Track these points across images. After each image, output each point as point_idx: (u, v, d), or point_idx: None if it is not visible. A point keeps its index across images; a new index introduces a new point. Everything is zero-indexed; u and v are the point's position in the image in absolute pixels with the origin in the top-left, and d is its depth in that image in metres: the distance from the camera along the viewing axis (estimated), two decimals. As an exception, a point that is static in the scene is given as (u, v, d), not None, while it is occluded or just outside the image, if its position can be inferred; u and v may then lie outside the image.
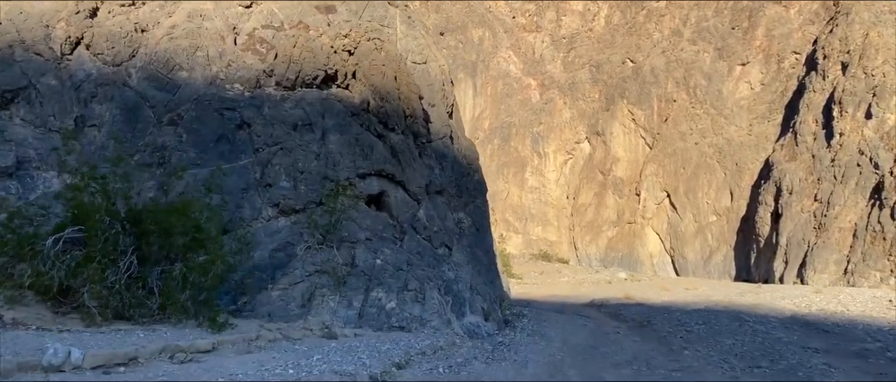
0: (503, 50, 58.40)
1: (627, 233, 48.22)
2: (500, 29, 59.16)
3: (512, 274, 32.78)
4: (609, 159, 50.27)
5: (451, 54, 59.56)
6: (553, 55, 56.55)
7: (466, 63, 58.97)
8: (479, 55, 58.87)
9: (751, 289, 27.43)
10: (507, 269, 32.20)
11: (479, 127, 57.55)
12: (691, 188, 44.49)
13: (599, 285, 30.75)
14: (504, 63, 58.15)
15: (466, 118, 58.46)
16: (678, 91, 46.98)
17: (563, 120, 54.10)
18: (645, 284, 31.20)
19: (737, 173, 42.32)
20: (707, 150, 44.19)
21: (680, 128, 45.82)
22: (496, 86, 57.81)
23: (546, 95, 55.63)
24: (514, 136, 55.56)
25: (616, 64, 51.82)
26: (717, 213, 43.18)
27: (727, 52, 45.23)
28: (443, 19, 60.57)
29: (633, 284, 31.20)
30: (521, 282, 31.32)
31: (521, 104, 56.56)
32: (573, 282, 32.38)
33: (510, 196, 54.74)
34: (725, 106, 44.33)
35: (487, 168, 57.19)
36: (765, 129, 41.65)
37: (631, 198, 48.64)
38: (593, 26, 54.80)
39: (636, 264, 46.93)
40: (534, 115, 55.48)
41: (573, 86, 53.94)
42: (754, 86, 43.46)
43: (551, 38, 57.01)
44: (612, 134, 50.36)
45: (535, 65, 57.08)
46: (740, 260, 41.26)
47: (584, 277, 34.55)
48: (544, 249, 49.35)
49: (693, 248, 43.97)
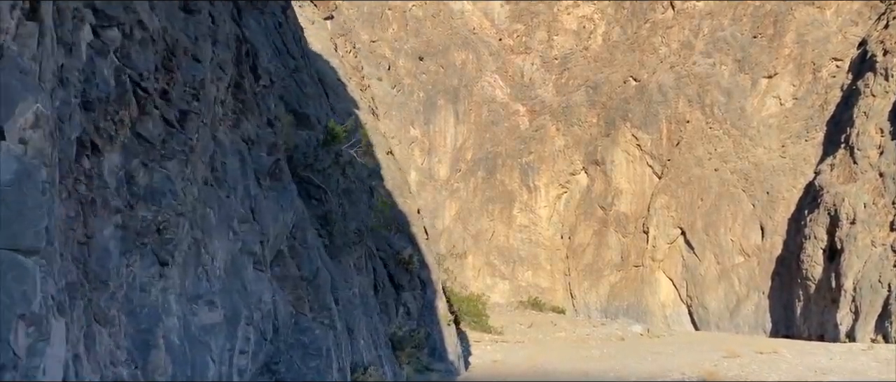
0: (488, 74, 50.15)
1: (634, 279, 39.23)
2: (484, 51, 51.01)
3: (486, 328, 23.75)
4: (610, 192, 41.54)
5: (430, 80, 51.41)
6: (544, 78, 48.29)
7: (448, 88, 50.64)
8: (462, 80, 50.60)
9: (844, 352, 18.32)
10: (481, 321, 23.11)
11: (462, 158, 48.93)
12: (711, 223, 35.70)
13: (612, 344, 21.63)
14: (489, 88, 49.83)
15: (448, 147, 49.99)
16: (691, 110, 38.55)
17: (556, 148, 45.54)
18: (680, 341, 22.10)
19: (769, 203, 33.58)
20: (729, 177, 35.52)
21: (695, 153, 37.23)
22: (480, 113, 49.38)
23: (536, 122, 47.17)
24: (501, 168, 46.91)
25: (616, 83, 43.51)
26: (744, 253, 34.29)
27: (749, 63, 36.95)
28: (422, 44, 52.42)
29: (661, 344, 22.03)
30: (500, 340, 22.15)
31: (508, 132, 48.06)
32: (573, 340, 23.20)
33: (496, 236, 45.80)
34: (750, 125, 35.84)
35: (470, 204, 48.50)
36: (802, 150, 33.07)
37: (637, 237, 39.76)
38: (589, 45, 46.68)
39: (644, 315, 37.81)
40: (523, 144, 46.94)
41: (567, 111, 45.53)
42: (785, 100, 35.04)
43: (542, 59, 48.83)
44: (614, 162, 41.75)
45: (524, 89, 48.77)
46: (778, 311, 32.22)
47: (587, 331, 25.36)
48: (534, 296, 40.21)
49: (715, 296, 34.95)
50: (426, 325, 14.85)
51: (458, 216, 47.00)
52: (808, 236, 28.10)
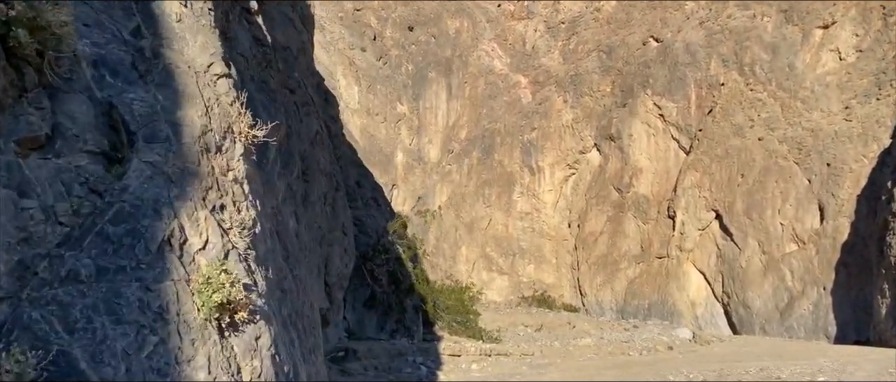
0: (485, 42, 43.06)
1: (657, 273, 32.04)
2: (482, 18, 43.92)
3: (475, 332, 16.56)
4: (628, 171, 34.38)
5: (420, 51, 44.34)
6: (549, 44, 41.15)
7: (440, 60, 43.57)
8: (456, 50, 43.53)
9: None
10: (468, 323, 15.96)
11: (455, 136, 41.81)
12: (755, 204, 28.50)
13: (671, 356, 14.33)
14: (486, 58, 42.73)
15: (439, 125, 42.88)
16: (727, 71, 31.36)
17: (562, 123, 38.41)
18: (758, 351, 14.86)
19: (830, 178, 26.36)
20: (778, 148, 28.30)
21: (734, 121, 30.01)
22: (476, 86, 42.28)
23: (541, 94, 40.05)
24: (500, 147, 39.80)
25: (634, 46, 36.34)
26: (798, 240, 27.07)
27: (798, 12, 29.76)
28: (412, 12, 45.31)
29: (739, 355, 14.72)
30: (495, 352, 14.70)
31: (508, 106, 40.94)
32: (608, 351, 15.78)
33: (493, 224, 38.67)
34: (801, 85, 28.64)
35: (464, 188, 41.34)
36: (874, 111, 25.85)
37: (661, 224, 32.58)
38: (601, 6, 39.51)
39: (670, 315, 30.60)
40: (524, 120, 39.82)
41: (576, 80, 38.38)
42: (846, 54, 27.84)
43: (546, 25, 41.71)
44: (632, 136, 34.57)
45: (526, 58, 41.65)
46: (845, 311, 24.98)
47: (621, 338, 18.03)
48: (541, 292, 33.02)
49: (760, 293, 27.71)
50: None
51: (451, 202, 39.86)
52: (894, 216, 20.92)
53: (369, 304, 18.27)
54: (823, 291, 25.68)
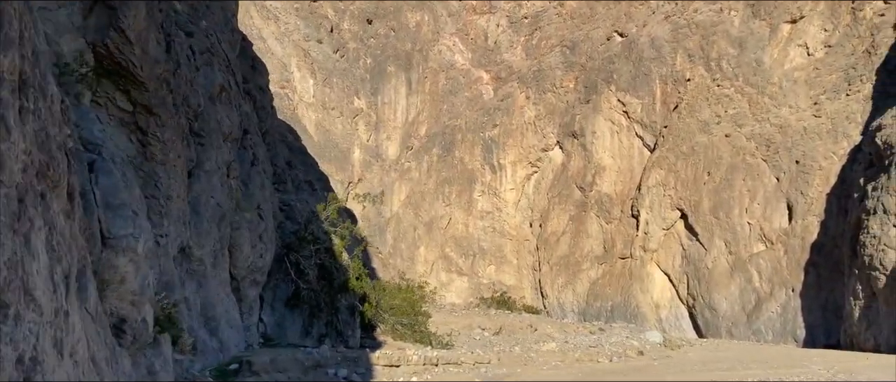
0: (446, 36, 41.50)
1: (620, 274, 30.79)
2: (443, 12, 42.35)
3: (422, 336, 14.81)
4: (591, 169, 33.12)
5: (379, 44, 42.60)
6: (511, 40, 39.78)
7: (399, 54, 41.87)
8: (416, 44, 41.89)
9: None
10: (417, 324, 14.26)
11: (414, 133, 40.14)
12: (722, 202, 27.40)
13: (651, 370, 12.81)
14: (447, 52, 41.17)
15: (398, 121, 41.16)
16: (693, 66, 30.29)
17: (525, 120, 37.02)
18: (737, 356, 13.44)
19: (800, 176, 25.35)
20: (746, 145, 27.24)
21: (700, 117, 28.91)
22: (437, 81, 40.68)
23: (503, 90, 38.63)
24: (460, 144, 38.25)
25: (598, 41, 35.14)
26: (766, 239, 26.01)
27: (766, 7, 28.82)
28: (371, 5, 43.51)
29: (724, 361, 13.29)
30: (445, 361, 12.93)
31: (469, 103, 39.44)
32: (576, 357, 14.22)
33: (453, 224, 37.08)
34: (769, 81, 27.66)
35: (423, 186, 39.67)
36: (844, 107, 24.91)
37: (624, 223, 31.36)
38: (565, 1, 38.28)
39: (634, 317, 29.36)
40: (486, 116, 38.35)
41: (539, 76, 37.04)
42: (814, 49, 26.93)
43: (509, 19, 40.33)
44: (595, 134, 33.32)
45: (488, 53, 40.21)
46: (815, 314, 23.94)
47: (582, 342, 16.53)
48: (500, 293, 31.51)
49: (727, 294, 26.58)
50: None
51: (409, 201, 38.19)
52: (873, 211, 19.82)
53: (292, 303, 15.77)
54: (792, 293, 24.64)
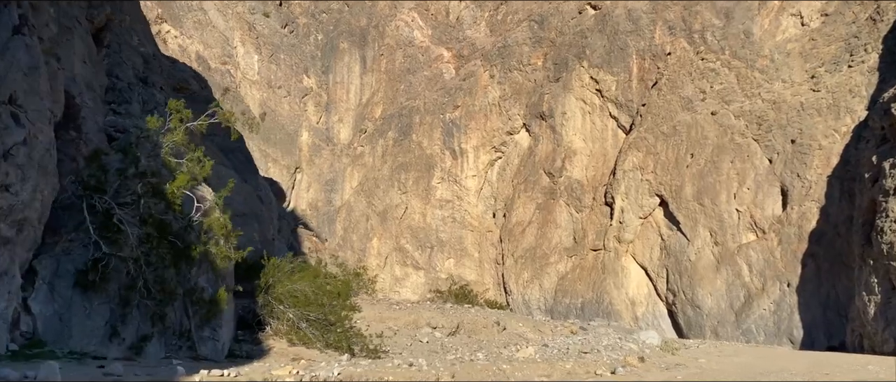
0: (405, 12, 37.84)
1: (591, 267, 27.50)
2: (401, -14, 38.76)
3: (339, 341, 10.77)
4: (560, 153, 29.80)
5: (332, 19, 38.83)
6: (475, 15, 36.31)
7: (353, 29, 38.13)
8: (372, 19, 38.20)
9: None
10: (334, 322, 10.48)
11: (368, 114, 36.43)
12: (707, 188, 24.29)
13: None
14: (405, 28, 37.51)
15: (351, 102, 37.41)
16: (673, 39, 27.16)
17: (489, 101, 33.57)
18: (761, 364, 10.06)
19: (796, 157, 22.34)
20: (734, 124, 24.16)
21: (682, 94, 25.78)
22: (394, 60, 37.03)
23: (465, 69, 35.13)
24: (418, 127, 34.66)
25: (569, 14, 31.86)
26: (758, 228, 22.96)
27: (754, -26, 25.84)
28: (326, -21, 39.80)
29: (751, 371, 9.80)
30: (363, 379, 9.04)
31: (428, 82, 35.86)
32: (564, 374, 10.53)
33: (409, 213, 33.47)
34: (760, 53, 24.63)
35: (377, 172, 35.95)
36: (846, 79, 21.97)
37: (597, 212, 28.10)
38: (533, -26, 34.95)
39: (606, 316, 26.11)
40: (447, 97, 34.82)
41: (505, 52, 33.63)
42: (809, 19, 23.99)
43: (473, -6, 36.91)
44: (565, 115, 30.02)
45: (450, 29, 36.70)
46: (814, 312, 20.94)
47: (566, 345, 12.91)
48: (461, 285, 28.03)
49: (712, 290, 23.45)
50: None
51: (362, 188, 34.48)
52: (892, 191, 16.81)
53: (88, 283, 9.85)
54: (787, 288, 21.59)
